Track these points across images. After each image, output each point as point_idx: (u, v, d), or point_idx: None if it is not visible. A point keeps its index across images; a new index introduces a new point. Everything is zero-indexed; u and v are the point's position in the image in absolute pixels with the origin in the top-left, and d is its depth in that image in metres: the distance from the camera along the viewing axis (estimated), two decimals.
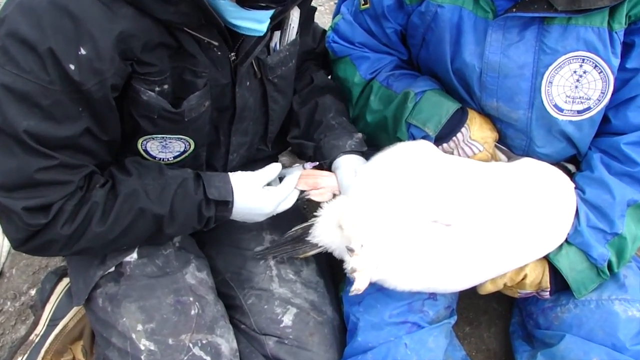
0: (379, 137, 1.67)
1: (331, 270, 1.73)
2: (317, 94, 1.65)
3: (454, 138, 1.57)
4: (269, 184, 1.51)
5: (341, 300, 1.67)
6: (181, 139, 1.40)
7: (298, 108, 1.65)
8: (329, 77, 1.75)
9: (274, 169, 1.50)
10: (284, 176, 1.53)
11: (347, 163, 1.54)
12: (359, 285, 1.34)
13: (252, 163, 1.67)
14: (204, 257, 1.65)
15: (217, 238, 1.69)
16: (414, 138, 1.56)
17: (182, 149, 1.42)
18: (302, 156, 1.68)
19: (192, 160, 1.47)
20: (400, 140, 1.57)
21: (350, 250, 1.35)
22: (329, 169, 1.56)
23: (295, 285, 1.61)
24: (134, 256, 1.52)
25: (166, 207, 1.38)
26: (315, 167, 1.56)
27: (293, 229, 1.53)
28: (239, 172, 1.47)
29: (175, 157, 1.43)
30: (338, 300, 1.69)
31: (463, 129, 1.57)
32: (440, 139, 1.58)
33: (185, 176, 1.40)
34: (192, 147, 1.43)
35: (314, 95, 1.65)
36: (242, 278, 1.63)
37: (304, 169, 1.52)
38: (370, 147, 1.61)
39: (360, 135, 1.61)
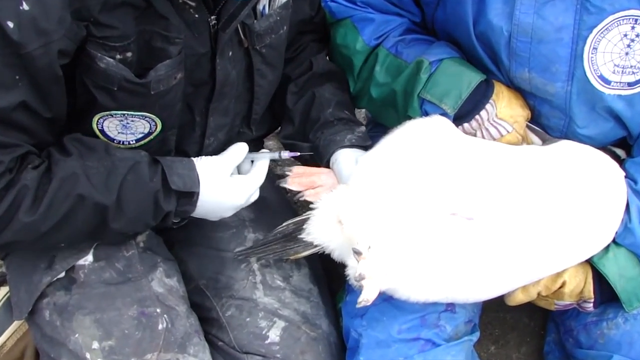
0: (385, 115, 1.61)
1: (327, 275, 1.68)
2: (315, 84, 1.63)
3: (477, 117, 1.50)
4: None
5: (339, 312, 1.64)
6: (146, 117, 1.34)
7: (293, 102, 1.62)
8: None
9: (241, 150, 1.47)
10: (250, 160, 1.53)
11: (347, 155, 1.51)
12: (367, 296, 1.28)
13: None
14: (173, 260, 1.59)
15: (190, 237, 1.62)
16: (427, 114, 1.50)
17: (146, 130, 1.37)
18: (296, 159, 1.68)
19: (159, 144, 1.41)
20: (411, 118, 1.50)
21: (357, 253, 1.29)
22: (327, 166, 1.54)
23: (283, 294, 1.56)
24: (89, 259, 1.47)
25: (112, 195, 1.32)
26: (295, 158, 1.55)
27: (283, 224, 1.48)
28: (204, 157, 1.43)
29: (138, 140, 1.38)
30: (335, 311, 1.66)
31: (488, 106, 1.50)
32: (460, 118, 1.50)
33: (138, 159, 1.35)
34: (159, 128, 1.37)
35: (311, 85, 1.63)
36: (220, 285, 1.58)
37: (280, 158, 1.50)
38: (375, 130, 1.59)
39: (363, 128, 1.57)
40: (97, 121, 1.33)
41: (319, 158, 1.54)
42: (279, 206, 1.60)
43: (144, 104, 1.32)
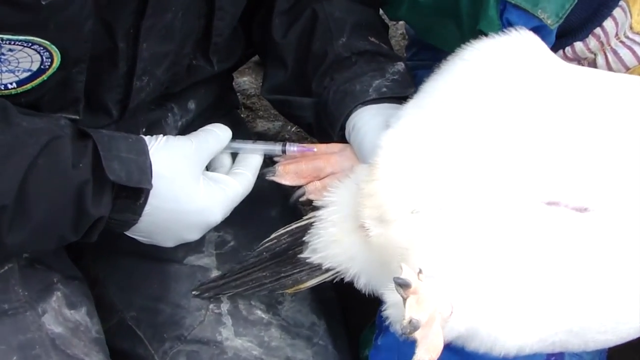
0: (439, 31, 1.35)
1: (342, 301, 1.40)
2: None
3: (598, 31, 1.23)
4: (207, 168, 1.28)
5: None
6: (34, 44, 1.12)
7: (282, 29, 1.36)
8: None
9: (221, 135, 1.26)
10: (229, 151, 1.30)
11: (374, 116, 1.24)
12: (424, 355, 0.99)
13: (181, 98, 1.35)
14: (81, 278, 1.31)
15: (110, 240, 1.29)
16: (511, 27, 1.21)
17: (35, 67, 1.15)
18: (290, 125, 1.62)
19: (58, 90, 1.19)
20: (483, 35, 1.18)
21: (403, 284, 0.98)
22: (342, 138, 1.28)
23: (267, 332, 1.28)
24: None
25: (10, 189, 1.11)
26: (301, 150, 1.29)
27: (273, 236, 1.21)
28: (161, 136, 1.20)
29: (21, 84, 1.16)
30: None
31: (617, 12, 1.22)
32: (567, 35, 1.23)
33: (57, 132, 1.14)
34: (57, 62, 1.15)
35: None
36: (161, 320, 1.28)
37: (283, 153, 1.27)
38: (419, 58, 1.43)
39: (401, 66, 1.30)
40: None
41: (328, 123, 1.29)
42: (269, 197, 1.37)
43: (30, 23, 1.10)
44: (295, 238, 1.22)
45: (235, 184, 1.23)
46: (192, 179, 1.21)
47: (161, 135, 1.21)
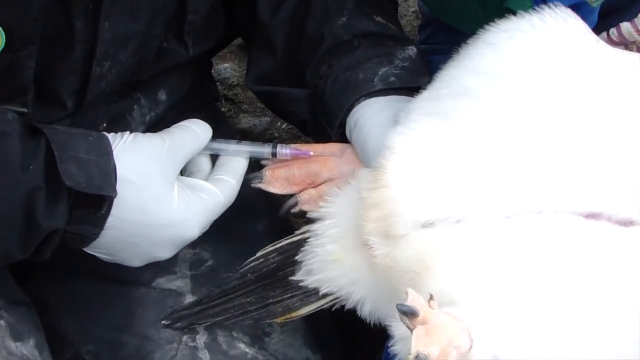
0: (458, 10, 1.26)
1: (339, 331, 1.29)
2: None
3: None
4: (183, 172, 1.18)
5: None
6: None
7: (270, 8, 1.24)
8: None
9: (201, 133, 1.15)
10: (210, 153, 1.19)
11: (379, 111, 1.13)
12: None
13: (149, 87, 1.22)
14: (29, 304, 1.19)
15: (65, 258, 1.17)
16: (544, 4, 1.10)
17: None
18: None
19: (3, 76, 1.09)
20: (511, 14, 1.07)
21: (408, 313, 0.86)
22: (343, 138, 1.17)
23: None
24: None
25: None
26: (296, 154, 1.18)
27: (259, 254, 1.10)
28: (126, 133, 1.11)
29: None
30: None
31: None
32: (611, 13, 1.18)
33: (4, 128, 1.05)
34: (1, 43, 1.08)
35: None
36: (125, 354, 1.16)
37: (273, 156, 1.16)
38: (434, 40, 1.37)
39: (412, 51, 1.18)
40: None
41: (325, 120, 1.17)
42: (255, 207, 1.24)
43: None
44: (286, 257, 1.12)
45: (216, 192, 1.11)
46: (164, 185, 1.09)
47: (127, 132, 1.09)
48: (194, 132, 1.13)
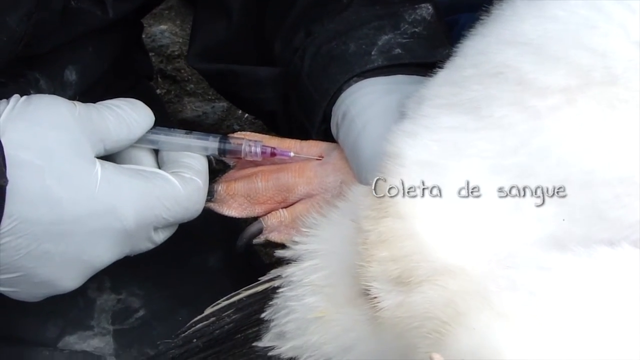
0: None
1: None
2: None
3: None
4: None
5: None
6: None
7: None
8: None
9: (138, 117, 0.89)
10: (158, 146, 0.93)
11: (378, 100, 0.91)
12: None
13: (52, 64, 0.98)
14: None
15: None
16: None
17: None
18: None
19: None
20: None
21: None
22: (325, 137, 0.95)
23: None
24: None
25: None
26: (270, 153, 0.94)
27: (210, 311, 0.87)
28: (16, 96, 0.85)
29: None
30: None
31: None
32: None
33: None
34: None
35: None
36: None
37: (219, 156, 0.92)
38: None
39: (427, 9, 0.96)
40: None
41: (301, 110, 0.96)
42: (204, 236, 1.00)
43: None
44: (247, 314, 0.88)
45: (171, 180, 0.87)
46: (77, 162, 0.84)
47: (16, 95, 0.84)
48: (126, 113, 0.90)
